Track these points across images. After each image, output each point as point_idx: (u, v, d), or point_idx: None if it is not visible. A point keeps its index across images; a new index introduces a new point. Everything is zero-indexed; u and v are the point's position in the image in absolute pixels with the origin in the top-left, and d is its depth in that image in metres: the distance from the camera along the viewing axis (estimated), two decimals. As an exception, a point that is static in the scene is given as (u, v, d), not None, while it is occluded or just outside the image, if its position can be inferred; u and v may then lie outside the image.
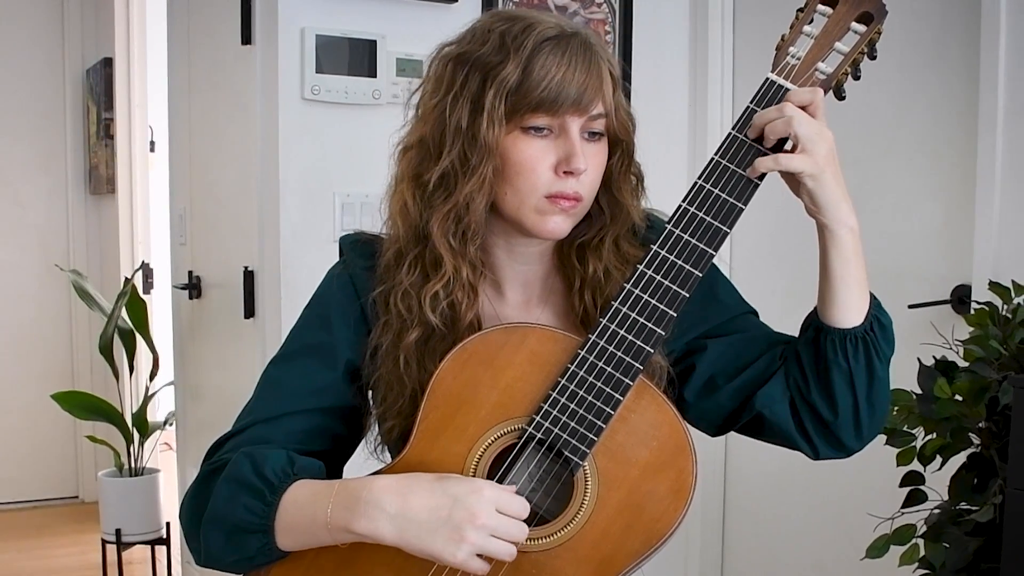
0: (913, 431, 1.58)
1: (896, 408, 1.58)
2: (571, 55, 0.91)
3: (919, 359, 1.58)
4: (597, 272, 0.99)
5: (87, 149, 3.93)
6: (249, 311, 2.25)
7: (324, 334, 0.99)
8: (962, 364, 1.57)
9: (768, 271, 2.37)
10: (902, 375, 1.61)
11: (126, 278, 3.15)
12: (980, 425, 1.52)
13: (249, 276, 2.24)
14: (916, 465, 1.58)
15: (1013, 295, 1.59)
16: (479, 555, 0.84)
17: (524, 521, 0.86)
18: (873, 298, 0.96)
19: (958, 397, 1.51)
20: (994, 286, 1.61)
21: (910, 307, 1.99)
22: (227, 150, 2.41)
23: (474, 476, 0.89)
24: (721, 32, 2.46)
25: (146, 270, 3.65)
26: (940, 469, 1.58)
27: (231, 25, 2.23)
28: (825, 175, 0.88)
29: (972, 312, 1.60)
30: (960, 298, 1.96)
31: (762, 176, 0.90)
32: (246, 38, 2.17)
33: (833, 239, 0.91)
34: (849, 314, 0.93)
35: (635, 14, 2.42)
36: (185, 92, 2.68)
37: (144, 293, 3.46)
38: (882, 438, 1.58)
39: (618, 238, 1.00)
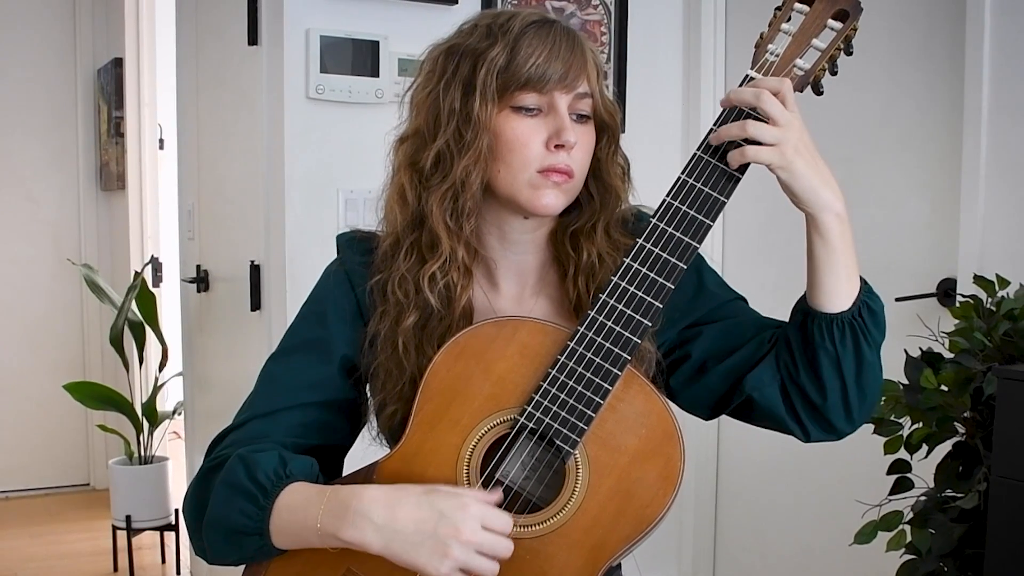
0: (900, 420, 1.60)
1: (884, 398, 1.59)
2: (555, 36, 0.94)
3: (906, 350, 1.60)
4: (591, 257, 1.00)
5: (98, 147, 3.95)
6: (255, 304, 2.27)
7: (320, 330, 1.01)
8: (948, 355, 1.59)
9: (759, 264, 2.40)
10: (889, 366, 1.61)
11: (136, 272, 3.18)
12: (965, 415, 1.55)
13: (255, 270, 2.26)
14: (903, 453, 1.60)
15: (997, 288, 1.61)
16: (463, 570, 0.85)
17: (518, 510, 0.89)
18: (864, 283, 0.95)
19: (944, 387, 1.53)
20: (978, 280, 1.63)
21: (897, 300, 2.01)
22: (234, 147, 2.42)
23: (468, 466, 0.91)
24: (714, 33, 2.49)
25: (155, 264, 3.67)
26: (926, 457, 1.60)
27: (238, 26, 2.25)
28: (795, 166, 0.88)
29: (957, 305, 1.62)
30: (946, 291, 1.98)
31: (743, 170, 0.90)
32: (252, 39, 2.19)
33: (816, 225, 0.91)
34: (836, 299, 0.93)
35: (630, 16, 2.45)
36: (193, 91, 2.70)
37: (153, 286, 3.48)
38: (870, 427, 1.60)
39: (608, 225, 1.01)
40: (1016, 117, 1.85)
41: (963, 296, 1.65)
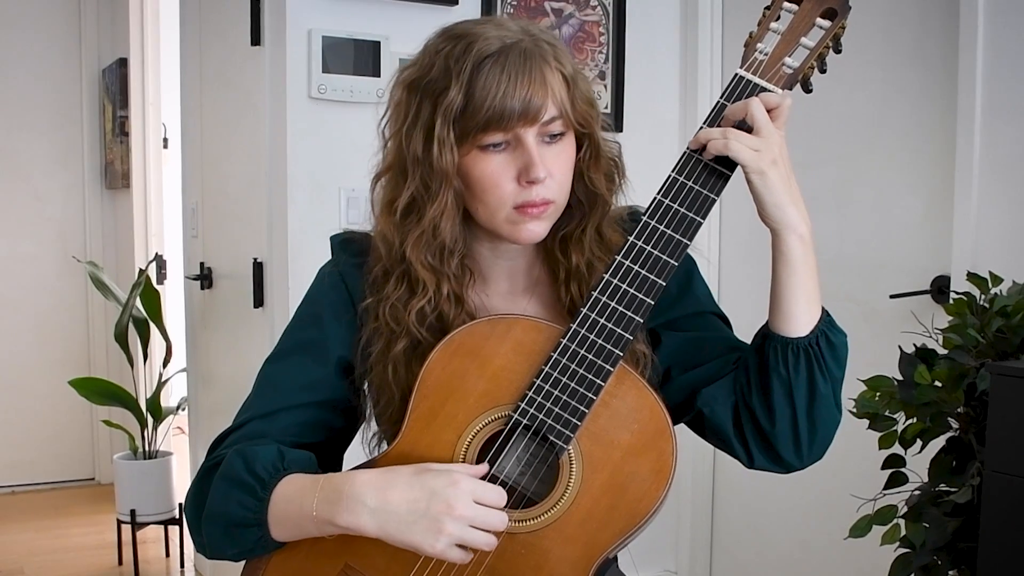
0: (894, 416, 1.59)
1: (878, 394, 1.59)
2: (510, 69, 0.89)
3: (900, 347, 1.61)
4: (580, 265, 0.99)
5: (103, 145, 3.97)
6: (258, 301, 2.29)
7: (316, 331, 1.01)
8: (941, 351, 1.58)
9: (754, 263, 2.40)
10: (884, 362, 1.63)
11: (140, 269, 3.19)
12: (959, 410, 1.54)
13: (258, 267, 2.28)
14: (897, 448, 1.60)
15: (990, 285, 1.61)
16: (459, 545, 0.86)
17: (513, 505, 0.89)
18: (827, 315, 0.95)
19: (938, 383, 1.53)
20: (972, 277, 1.62)
21: (892, 297, 2.03)
22: (237, 146, 2.44)
23: (464, 462, 0.91)
24: (711, 33, 2.51)
25: (160, 261, 3.69)
26: (920, 452, 1.60)
27: (241, 27, 2.27)
28: (769, 176, 0.88)
29: (951, 302, 1.61)
30: (940, 288, 1.99)
31: (733, 168, 0.90)
32: (255, 39, 2.21)
33: (779, 243, 0.91)
34: (794, 324, 0.92)
35: (628, 16, 2.47)
36: (197, 91, 2.71)
37: (158, 284, 3.50)
38: (865, 423, 1.60)
39: (600, 226, 1.00)
40: (1009, 117, 1.86)
41: (957, 293, 1.64)
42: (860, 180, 2.17)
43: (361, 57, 2.14)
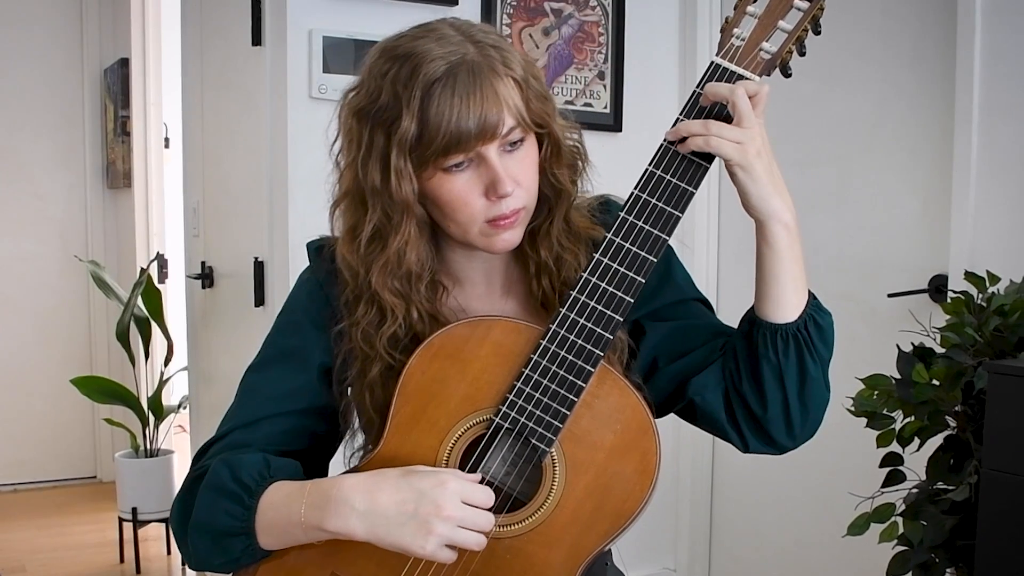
0: (892, 414, 1.60)
1: (876, 392, 1.60)
2: (461, 90, 0.87)
3: (898, 345, 1.61)
4: (548, 259, 0.97)
5: (105, 145, 3.98)
6: (259, 300, 2.29)
7: (297, 339, 1.00)
8: (939, 350, 1.59)
9: (753, 262, 2.42)
10: (882, 361, 1.64)
11: (142, 268, 3.20)
12: (956, 408, 1.54)
13: (259, 266, 2.28)
14: (895, 447, 1.61)
15: (988, 284, 1.61)
16: (449, 546, 0.85)
17: (500, 506, 0.88)
18: (813, 298, 0.94)
19: (935, 382, 1.53)
20: (970, 276, 1.63)
21: (890, 296, 2.03)
22: (238, 146, 2.44)
23: (447, 467, 0.90)
24: (710, 33, 2.51)
25: (161, 261, 3.70)
26: (918, 450, 1.60)
27: (242, 27, 2.27)
28: (754, 168, 0.87)
29: (949, 301, 1.62)
30: (937, 287, 1.99)
31: (710, 159, 0.89)
32: (256, 39, 2.21)
33: (765, 233, 0.91)
34: (782, 310, 0.92)
35: (627, 16, 2.47)
36: (198, 91, 2.72)
37: (159, 283, 3.51)
38: (863, 421, 1.61)
39: (567, 216, 0.98)
40: (1006, 117, 1.86)
41: (954, 292, 1.65)
42: (858, 180, 2.17)
43: (361, 57, 2.12)
